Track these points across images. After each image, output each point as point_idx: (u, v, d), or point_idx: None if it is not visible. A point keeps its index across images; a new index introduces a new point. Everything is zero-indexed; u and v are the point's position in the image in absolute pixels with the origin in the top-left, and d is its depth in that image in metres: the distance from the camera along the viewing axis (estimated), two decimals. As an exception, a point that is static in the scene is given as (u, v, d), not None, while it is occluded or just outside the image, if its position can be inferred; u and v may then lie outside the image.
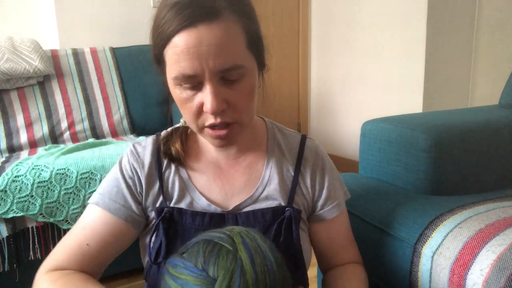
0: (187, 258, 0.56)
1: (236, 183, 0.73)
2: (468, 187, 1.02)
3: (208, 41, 0.57)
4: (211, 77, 0.59)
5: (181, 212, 0.70)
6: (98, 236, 0.69)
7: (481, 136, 1.04)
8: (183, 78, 0.60)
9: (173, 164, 0.73)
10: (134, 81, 2.13)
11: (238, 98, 0.62)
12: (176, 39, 0.58)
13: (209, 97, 0.59)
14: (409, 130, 1.00)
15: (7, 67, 1.81)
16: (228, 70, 0.59)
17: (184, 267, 0.55)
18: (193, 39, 0.57)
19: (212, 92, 0.59)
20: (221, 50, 0.58)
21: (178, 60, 0.59)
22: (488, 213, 0.80)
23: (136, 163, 0.73)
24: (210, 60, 0.57)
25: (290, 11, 3.01)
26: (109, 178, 0.73)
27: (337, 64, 2.88)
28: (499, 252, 0.67)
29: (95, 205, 0.71)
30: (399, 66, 2.46)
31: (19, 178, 1.37)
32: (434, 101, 2.38)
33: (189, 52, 0.57)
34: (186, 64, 0.58)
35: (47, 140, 1.88)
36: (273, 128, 0.78)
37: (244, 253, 0.55)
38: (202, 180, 0.73)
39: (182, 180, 0.72)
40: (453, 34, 2.34)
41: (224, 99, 0.60)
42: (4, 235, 1.36)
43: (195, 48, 0.57)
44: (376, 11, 2.53)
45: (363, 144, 1.13)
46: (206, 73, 0.58)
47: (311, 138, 0.80)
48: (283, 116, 3.12)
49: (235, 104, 0.62)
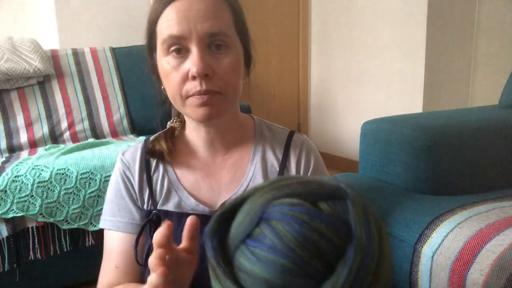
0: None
1: (223, 180, 0.73)
2: (468, 187, 1.02)
3: (197, 7, 0.61)
4: (198, 40, 0.61)
5: (167, 214, 0.70)
6: (121, 257, 0.71)
7: (481, 136, 1.04)
8: (171, 40, 0.62)
9: (161, 166, 0.74)
10: (134, 81, 2.12)
11: (223, 68, 0.63)
12: (167, 10, 0.62)
13: (195, 59, 0.61)
14: (409, 130, 1.00)
15: (7, 67, 1.80)
16: (215, 34, 0.61)
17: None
18: (183, 5, 0.61)
19: (198, 55, 0.61)
20: (209, 15, 0.61)
21: (169, 25, 0.61)
22: (488, 213, 0.80)
23: (128, 171, 0.74)
24: (198, 23, 0.60)
25: (290, 11, 3.01)
26: (109, 197, 0.75)
27: (337, 64, 2.88)
28: (499, 252, 0.67)
29: (107, 229, 0.73)
30: (399, 66, 2.46)
31: (19, 178, 1.37)
32: (434, 101, 2.38)
33: (179, 16, 0.61)
34: (175, 26, 0.61)
35: (47, 140, 1.88)
36: (261, 125, 0.79)
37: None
38: (191, 179, 0.73)
39: (170, 181, 0.73)
40: (453, 34, 2.34)
41: (209, 65, 0.62)
42: (4, 235, 1.36)
43: (184, 12, 0.61)
44: (376, 11, 2.53)
45: (363, 144, 1.13)
46: (193, 35, 0.61)
47: (300, 133, 0.79)
48: (283, 116, 3.12)
49: (221, 73, 0.63)
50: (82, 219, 1.43)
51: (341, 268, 0.37)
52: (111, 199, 0.74)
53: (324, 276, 0.37)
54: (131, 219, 0.72)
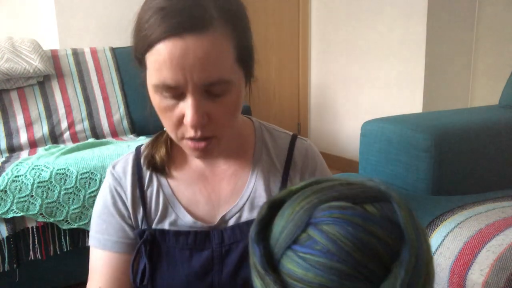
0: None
1: (223, 192, 0.69)
2: (468, 187, 1.02)
3: (194, 54, 0.53)
4: (194, 89, 0.55)
5: (163, 233, 0.67)
6: (106, 276, 0.68)
7: (481, 136, 1.04)
8: (164, 88, 0.56)
9: (155, 178, 0.69)
10: (134, 81, 2.11)
11: (220, 112, 0.58)
12: (159, 47, 0.53)
13: (189, 111, 0.55)
14: (409, 130, 1.00)
15: (7, 67, 1.80)
16: (213, 84, 0.55)
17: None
18: (178, 50, 0.52)
19: (194, 105, 0.55)
20: (207, 63, 0.53)
21: (160, 68, 0.54)
22: (488, 213, 0.80)
23: (119, 186, 0.69)
24: (195, 73, 0.53)
25: (290, 11, 3.01)
26: (97, 212, 0.70)
27: (337, 64, 2.88)
28: (499, 252, 0.67)
29: (93, 247, 0.69)
30: (399, 66, 2.46)
31: (19, 178, 1.37)
32: (434, 101, 2.38)
33: (173, 63, 0.53)
34: (168, 74, 0.54)
35: (47, 140, 1.88)
36: (261, 130, 0.73)
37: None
38: (187, 192, 0.69)
39: (166, 197, 0.69)
40: (453, 34, 2.34)
41: (205, 113, 0.57)
42: (4, 235, 1.36)
43: (179, 60, 0.53)
44: (376, 11, 2.53)
45: (363, 144, 1.13)
46: (189, 85, 0.54)
47: (303, 138, 0.74)
48: (283, 116, 3.12)
49: (217, 118, 0.58)
50: (82, 219, 1.43)
51: (398, 270, 0.37)
52: (99, 214, 0.69)
53: (381, 278, 0.38)
54: (120, 237, 0.68)
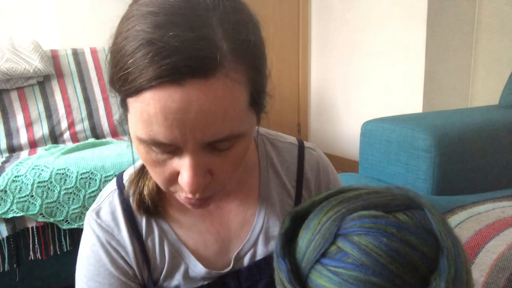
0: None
1: (232, 225, 0.60)
2: (468, 187, 1.02)
3: (198, 107, 0.39)
4: (194, 148, 0.42)
5: None
6: None
7: (481, 136, 1.04)
8: (154, 144, 0.42)
9: (155, 225, 0.58)
10: (134, 81, 2.12)
11: (225, 167, 0.46)
12: (148, 96, 0.39)
13: (187, 172, 0.43)
14: (409, 130, 1.00)
15: (7, 67, 1.80)
16: (220, 141, 0.42)
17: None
18: (176, 102, 0.38)
19: (193, 166, 0.42)
20: (214, 119, 0.40)
21: (150, 122, 0.40)
22: (488, 213, 0.80)
23: (114, 241, 0.56)
24: (198, 131, 0.40)
25: (290, 11, 3.01)
26: (87, 276, 0.56)
27: (337, 64, 2.88)
28: (499, 252, 0.67)
29: None
30: (399, 66, 2.46)
31: (19, 178, 1.37)
32: (434, 101, 2.38)
33: (167, 118, 0.39)
34: (160, 130, 0.40)
35: (47, 140, 1.88)
36: (264, 144, 0.63)
37: None
38: (193, 234, 0.58)
39: (171, 244, 0.57)
40: (453, 34, 2.34)
41: (207, 171, 0.44)
42: (4, 235, 1.36)
43: (177, 115, 0.39)
44: (376, 11, 2.53)
45: (363, 144, 1.13)
46: (188, 143, 0.41)
47: (310, 147, 0.66)
48: (283, 116, 3.12)
49: (220, 174, 0.46)
50: (82, 219, 1.43)
51: (437, 281, 0.35)
52: (90, 277, 0.55)
53: None
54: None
